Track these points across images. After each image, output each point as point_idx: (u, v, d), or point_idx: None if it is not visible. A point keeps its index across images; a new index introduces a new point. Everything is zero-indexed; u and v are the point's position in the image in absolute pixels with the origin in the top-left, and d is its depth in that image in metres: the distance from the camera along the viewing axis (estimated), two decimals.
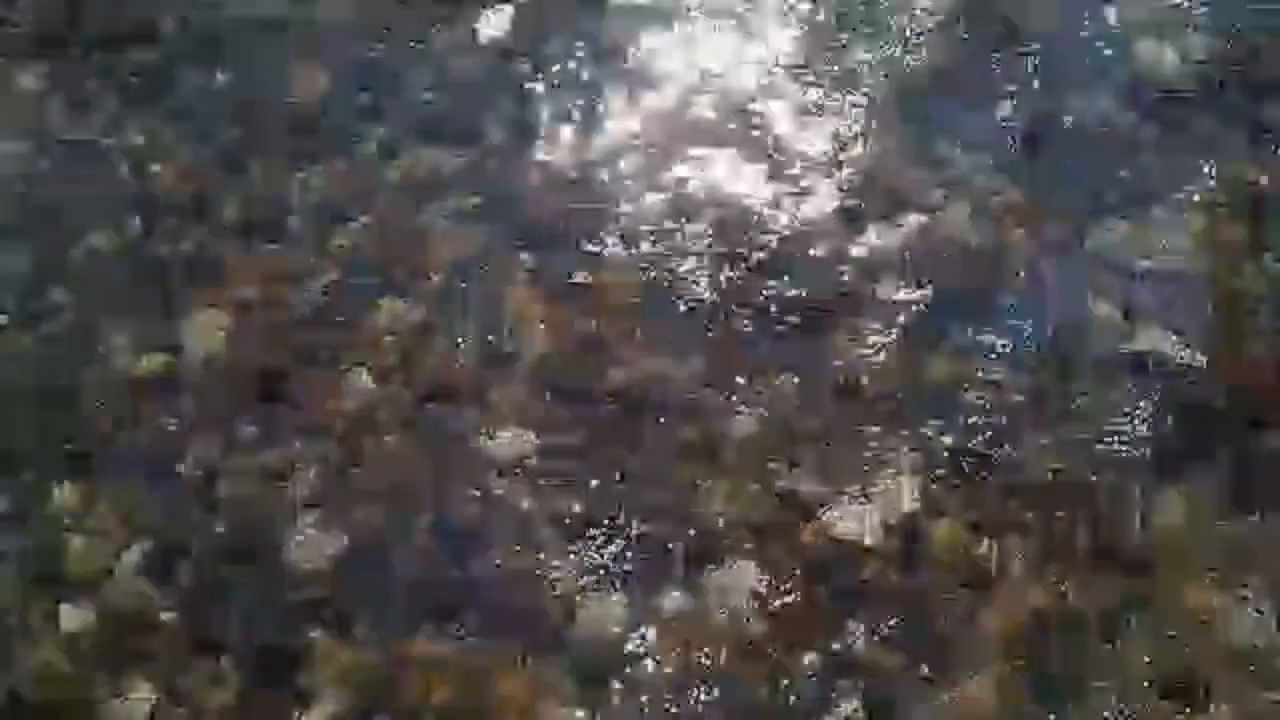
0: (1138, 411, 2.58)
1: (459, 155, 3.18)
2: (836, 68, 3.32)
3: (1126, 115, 3.14)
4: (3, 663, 2.35)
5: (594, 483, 2.56)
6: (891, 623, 2.33)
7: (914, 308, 2.80)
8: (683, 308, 2.84)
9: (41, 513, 2.57)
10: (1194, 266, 2.82)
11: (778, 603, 2.37)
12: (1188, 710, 2.19)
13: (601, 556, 2.45)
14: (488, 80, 3.38)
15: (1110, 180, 3.00)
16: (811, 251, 2.92)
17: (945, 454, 2.54)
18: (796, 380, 2.69)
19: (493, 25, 3.50)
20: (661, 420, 2.64)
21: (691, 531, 2.47)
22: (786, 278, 2.87)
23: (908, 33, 3.39)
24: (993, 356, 2.70)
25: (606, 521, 2.50)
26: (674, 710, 2.25)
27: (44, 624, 2.40)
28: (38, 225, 3.11)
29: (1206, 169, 2.99)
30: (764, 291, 2.84)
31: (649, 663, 2.31)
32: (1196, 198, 2.94)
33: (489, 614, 2.38)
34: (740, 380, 2.69)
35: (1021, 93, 3.20)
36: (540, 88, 3.35)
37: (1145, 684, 2.22)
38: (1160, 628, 2.28)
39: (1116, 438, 2.55)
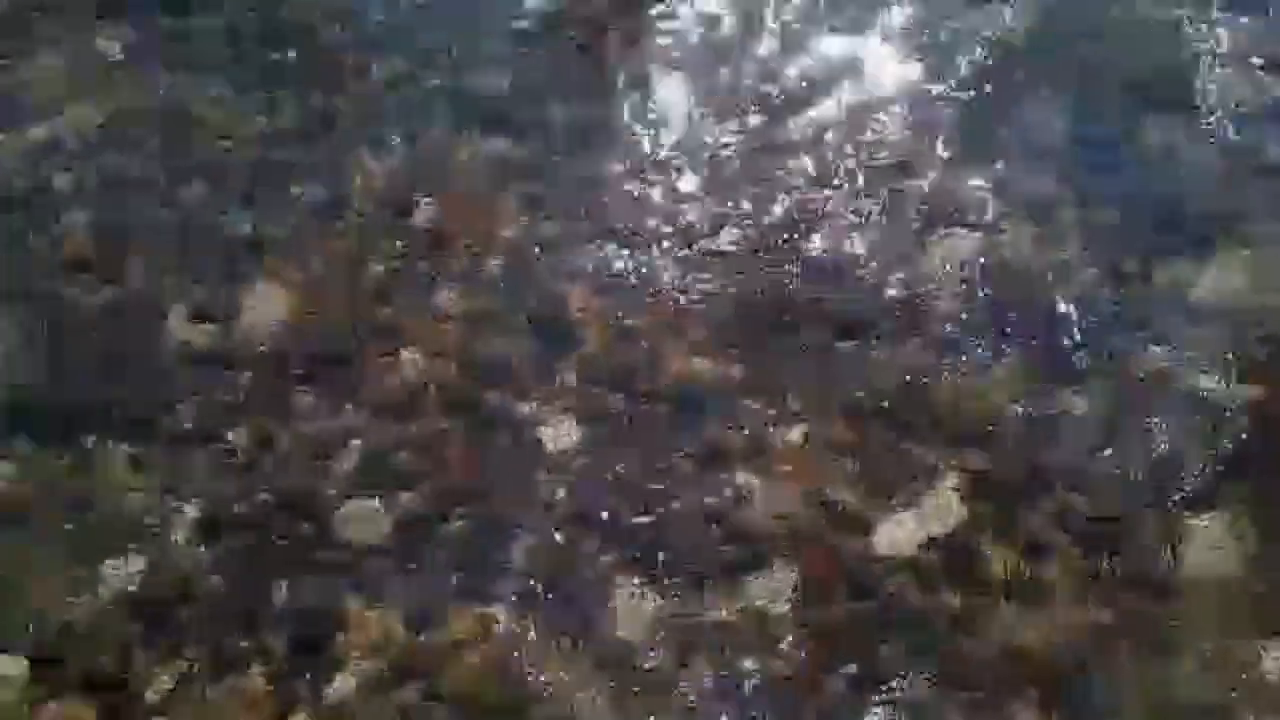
0: (1185, 442, 2.57)
1: (527, 144, 3.21)
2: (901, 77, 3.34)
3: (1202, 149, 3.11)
4: (45, 620, 2.40)
5: (637, 479, 2.57)
6: (927, 639, 2.33)
7: (969, 326, 2.79)
8: (736, 312, 2.85)
9: (98, 474, 2.61)
10: (1248, 303, 2.80)
11: (815, 613, 2.37)
12: None
13: (641, 554, 2.46)
14: (559, 73, 3.41)
15: (1178, 214, 2.98)
16: (869, 263, 2.92)
17: (991, 473, 2.54)
18: (845, 391, 2.69)
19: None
20: (708, 423, 2.65)
21: (732, 536, 2.48)
22: (841, 288, 2.87)
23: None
24: (1044, 379, 2.69)
25: (648, 519, 2.51)
26: (701, 713, 2.26)
27: (89, 583, 2.45)
28: (106, 190, 3.17)
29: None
30: (817, 300, 2.85)
31: (681, 663, 2.32)
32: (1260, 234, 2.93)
33: (524, 599, 2.40)
34: (789, 388, 2.70)
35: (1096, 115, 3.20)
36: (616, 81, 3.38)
37: (1178, 714, 2.22)
38: (1196, 660, 2.27)
39: (1162, 468, 2.53)
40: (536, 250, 2.98)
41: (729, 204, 3.06)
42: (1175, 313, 2.77)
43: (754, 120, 3.26)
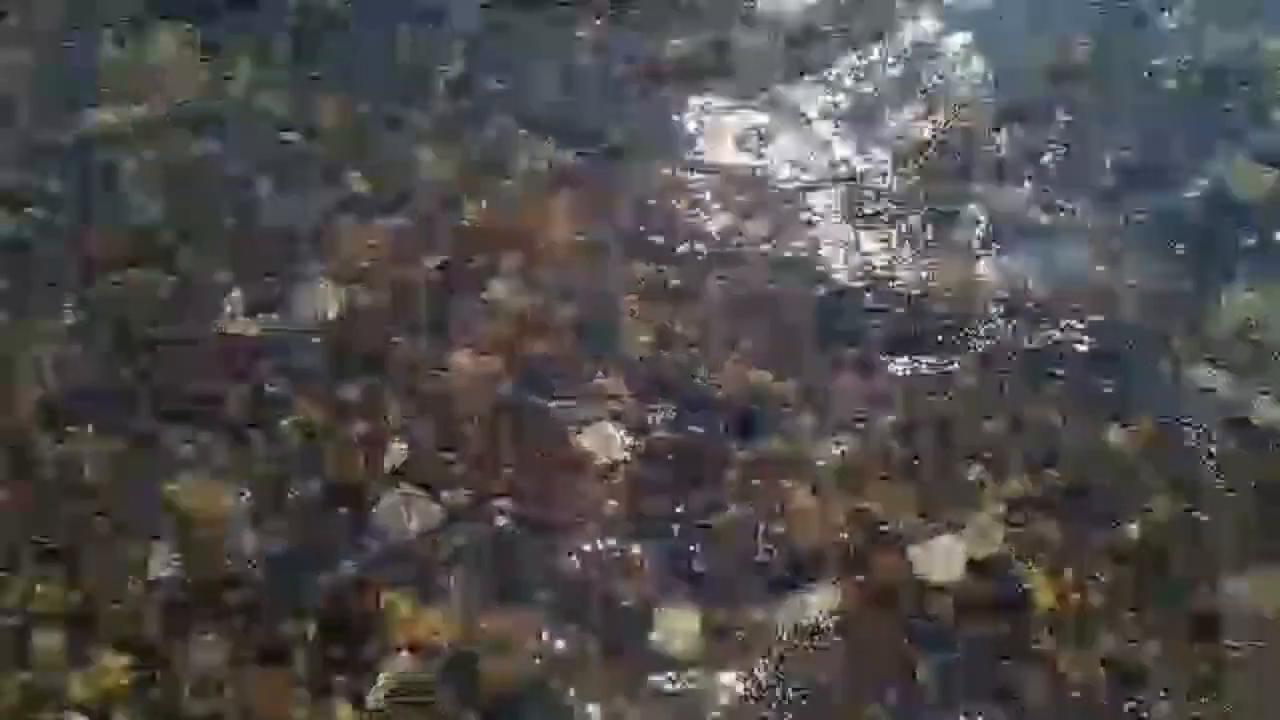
0: (1239, 477, 2.51)
1: (584, 151, 3.23)
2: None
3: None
4: (94, 595, 2.43)
5: (681, 489, 2.56)
6: (968, 663, 2.29)
7: (1023, 346, 2.76)
8: (787, 325, 2.83)
9: (149, 458, 2.65)
10: None
11: (856, 631, 2.34)
12: None
13: (682, 564, 2.45)
14: (620, 81, 3.42)
15: (1241, 245, 2.94)
16: (923, 280, 2.90)
17: (1038, 498, 2.50)
18: (894, 409, 2.67)
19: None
20: (755, 434, 2.64)
21: (775, 550, 2.46)
22: (894, 305, 2.86)
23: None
24: (1094, 405, 2.65)
25: (691, 528, 2.50)
26: None
27: (137, 564, 2.48)
28: (170, 181, 3.22)
29: None
30: (871, 317, 2.83)
31: (717, 674, 2.30)
32: None
33: (564, 603, 2.40)
34: (838, 404, 2.68)
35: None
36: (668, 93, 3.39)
37: None
38: (1237, 699, 2.22)
39: (1213, 501, 2.48)
40: (589, 254, 2.99)
41: (784, 215, 3.05)
42: (1236, 341, 2.73)
43: (812, 130, 3.26)
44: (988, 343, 2.77)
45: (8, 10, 3.66)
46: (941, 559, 2.43)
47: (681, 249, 3.00)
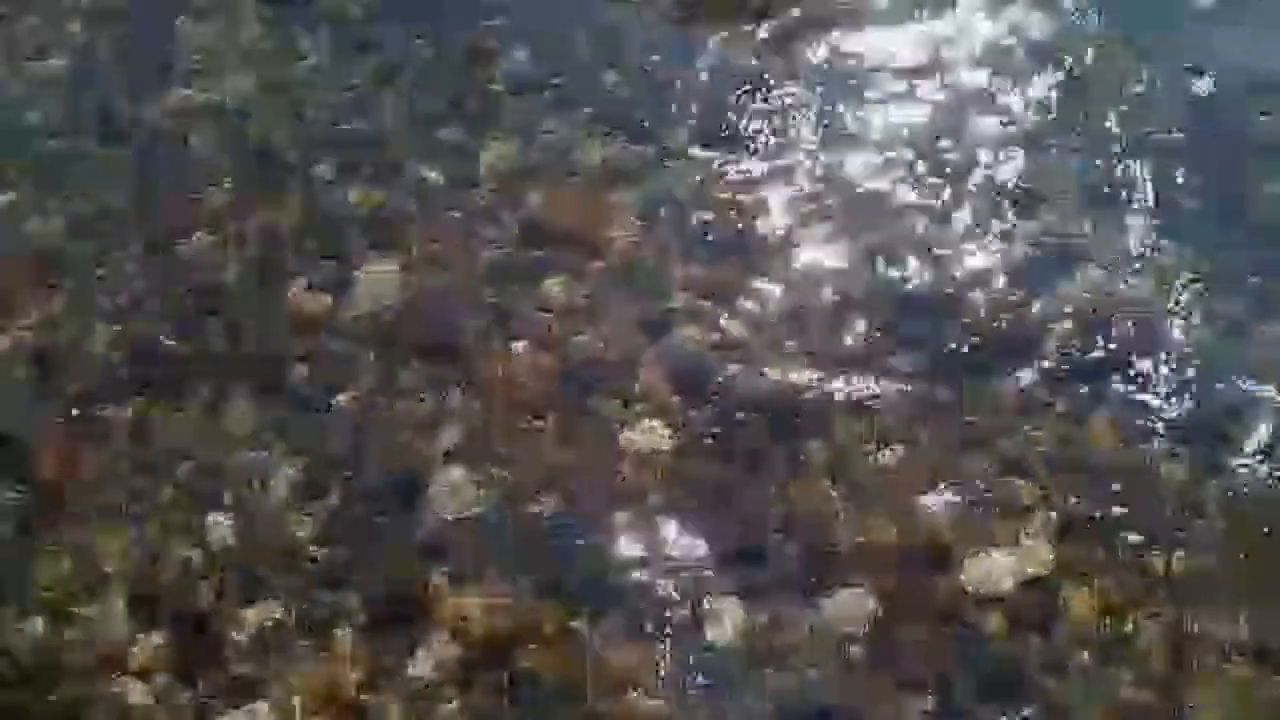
0: None
1: (643, 149, 3.26)
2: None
3: None
4: (147, 560, 2.51)
5: (726, 488, 2.58)
6: (1005, 678, 2.28)
7: (1077, 366, 2.74)
8: (840, 332, 2.84)
9: (209, 426, 2.72)
10: None
11: (893, 639, 2.34)
12: None
13: (725, 562, 2.46)
14: (678, 82, 3.45)
15: None
16: (981, 296, 2.89)
17: (1087, 519, 2.48)
18: (945, 420, 2.66)
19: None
20: (802, 436, 2.65)
21: (817, 552, 2.47)
22: (953, 319, 2.84)
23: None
24: (1150, 427, 2.63)
25: (734, 528, 2.51)
26: None
27: (191, 533, 2.55)
28: (244, 160, 3.30)
29: None
30: (925, 329, 2.82)
31: (755, 671, 2.31)
32: None
33: (605, 594, 2.42)
34: (889, 412, 2.68)
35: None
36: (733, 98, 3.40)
37: None
38: None
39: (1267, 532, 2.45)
40: (645, 252, 3.02)
41: (842, 220, 3.06)
42: None
43: (871, 137, 3.26)
44: (1046, 361, 2.75)
45: None
46: (984, 572, 2.42)
47: (737, 248, 3.02)
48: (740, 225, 3.07)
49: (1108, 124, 3.24)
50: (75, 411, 2.76)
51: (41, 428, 2.73)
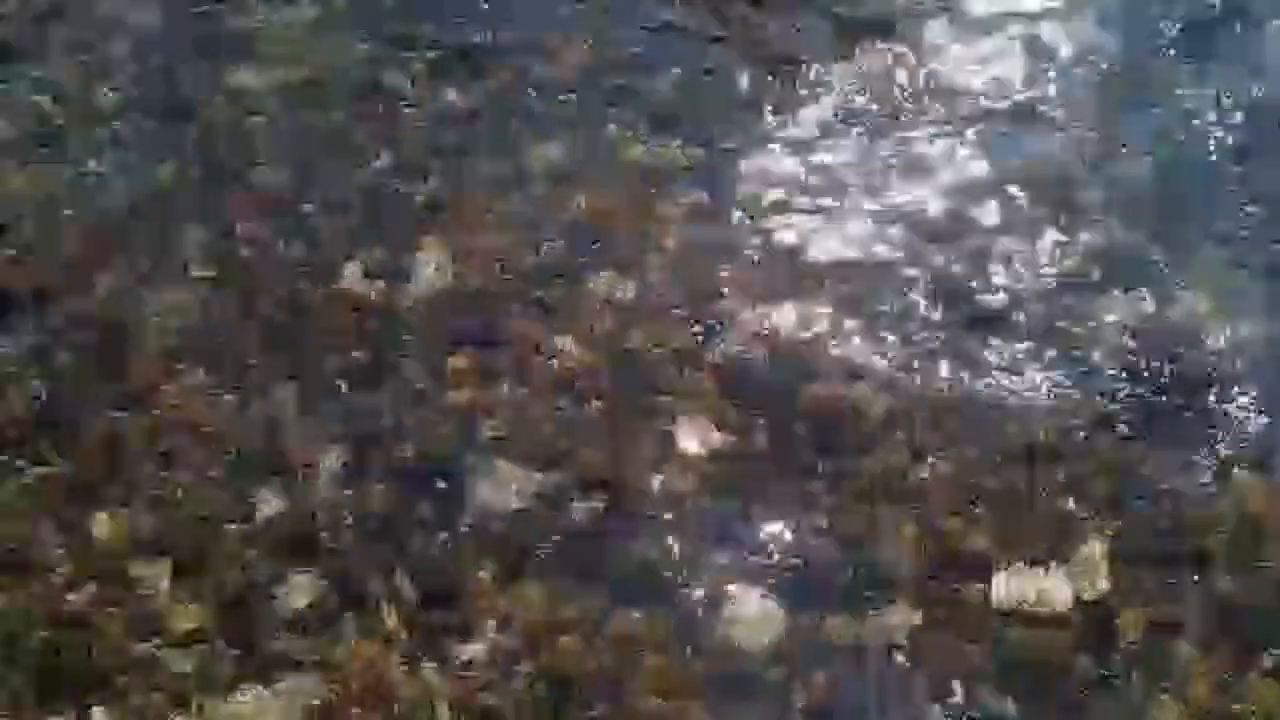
0: None
1: (696, 148, 3.27)
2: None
3: None
4: (194, 531, 2.52)
5: (770, 492, 2.57)
6: (1045, 695, 2.27)
7: (1126, 391, 2.72)
8: (892, 340, 2.84)
9: (271, 409, 2.74)
10: None
11: (931, 653, 2.33)
12: None
13: (765, 568, 2.46)
14: (737, 85, 3.46)
15: None
16: (1032, 311, 2.88)
17: (1134, 544, 2.46)
18: (993, 439, 2.64)
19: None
20: (849, 445, 2.64)
21: (859, 562, 2.46)
22: (1005, 335, 2.84)
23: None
24: (1198, 455, 2.60)
25: (777, 533, 2.51)
26: None
27: (240, 510, 2.56)
28: (292, 150, 3.33)
29: None
30: (978, 342, 2.82)
31: (791, 679, 2.30)
32: None
33: (646, 592, 2.42)
34: (936, 424, 2.67)
35: None
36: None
37: None
38: None
39: None
40: (695, 252, 3.02)
41: (895, 232, 3.06)
42: None
43: (926, 139, 3.28)
44: (1107, 382, 2.74)
45: None
46: (1027, 590, 2.40)
47: (788, 252, 3.02)
48: (794, 228, 3.07)
49: None
50: (131, 384, 2.79)
51: (98, 398, 2.76)
